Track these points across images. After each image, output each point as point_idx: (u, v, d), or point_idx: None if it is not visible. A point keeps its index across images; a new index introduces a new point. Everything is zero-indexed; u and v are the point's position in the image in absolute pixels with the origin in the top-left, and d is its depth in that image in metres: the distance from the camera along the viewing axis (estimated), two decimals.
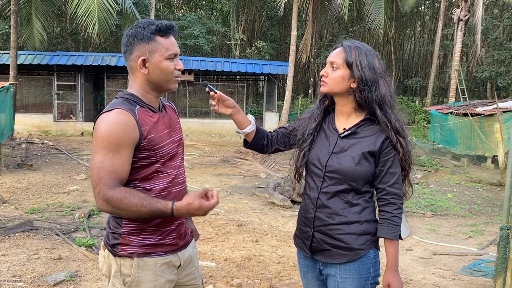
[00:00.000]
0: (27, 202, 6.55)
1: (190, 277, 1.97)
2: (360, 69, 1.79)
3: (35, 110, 16.64)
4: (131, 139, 1.66)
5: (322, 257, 1.91)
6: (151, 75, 1.75)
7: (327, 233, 1.87)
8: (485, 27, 21.40)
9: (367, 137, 1.84)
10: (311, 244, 1.92)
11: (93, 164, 1.65)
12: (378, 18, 16.44)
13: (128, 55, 1.76)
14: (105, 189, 1.61)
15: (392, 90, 1.88)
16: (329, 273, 1.90)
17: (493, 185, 9.37)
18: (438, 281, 4.28)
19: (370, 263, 1.86)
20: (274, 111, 17.73)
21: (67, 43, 23.76)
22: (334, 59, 1.85)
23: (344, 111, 1.91)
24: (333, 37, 29.91)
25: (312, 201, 1.91)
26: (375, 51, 1.88)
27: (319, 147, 1.92)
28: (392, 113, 1.83)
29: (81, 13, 13.49)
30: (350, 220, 1.84)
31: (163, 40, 1.74)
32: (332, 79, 1.84)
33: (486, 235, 5.89)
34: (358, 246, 1.83)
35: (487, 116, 11.86)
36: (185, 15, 27.20)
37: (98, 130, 1.65)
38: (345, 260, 1.85)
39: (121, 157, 1.64)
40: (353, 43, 1.86)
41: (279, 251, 4.88)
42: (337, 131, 1.90)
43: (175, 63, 1.78)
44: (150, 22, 1.74)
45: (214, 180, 8.92)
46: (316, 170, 1.90)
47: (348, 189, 1.84)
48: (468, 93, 20.01)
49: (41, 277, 3.88)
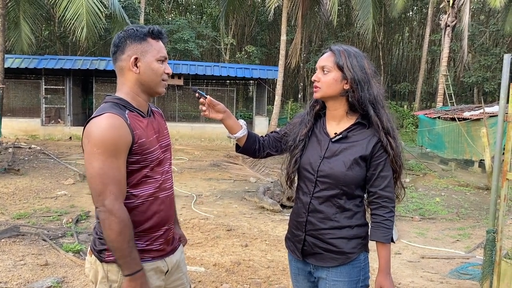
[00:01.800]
0: (13, 207, 6.47)
1: (178, 282, 1.97)
2: (352, 69, 1.81)
3: (22, 114, 16.47)
4: (126, 142, 1.65)
5: (313, 261, 1.92)
6: (142, 75, 1.76)
7: (319, 237, 1.88)
8: (471, 33, 21.70)
9: (358, 142, 1.84)
10: (303, 248, 1.93)
11: (92, 171, 1.61)
12: (367, 23, 16.57)
13: (119, 55, 1.77)
14: (112, 198, 1.60)
15: (383, 90, 1.90)
16: (321, 276, 1.92)
17: (480, 189, 9.48)
18: (426, 284, 4.31)
19: (360, 266, 1.88)
20: (264, 116, 17.77)
21: (55, 47, 23.56)
22: (325, 63, 1.86)
23: (336, 115, 1.91)
24: (323, 42, 30.10)
25: (304, 205, 1.91)
26: (363, 53, 1.90)
27: (311, 152, 1.93)
28: (385, 112, 1.85)
29: (69, 16, 13.38)
30: (342, 224, 1.85)
31: (154, 43, 1.78)
32: (325, 82, 1.85)
33: (473, 238, 5.95)
34: (349, 250, 1.85)
35: (474, 121, 12.01)
36: (175, 19, 27.16)
37: (91, 136, 1.62)
38: (336, 264, 1.86)
39: (119, 163, 1.63)
40: (341, 46, 1.88)
41: (268, 256, 4.88)
42: (329, 135, 1.91)
43: (164, 66, 1.80)
44: (142, 26, 1.80)
45: (204, 185, 8.89)
46: (308, 175, 1.91)
47: (340, 194, 1.84)
48: (456, 98, 20.24)
49: (27, 283, 3.82)
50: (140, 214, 1.75)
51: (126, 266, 1.64)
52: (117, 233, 1.60)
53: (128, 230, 1.63)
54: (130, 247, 1.63)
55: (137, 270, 1.64)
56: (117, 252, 1.62)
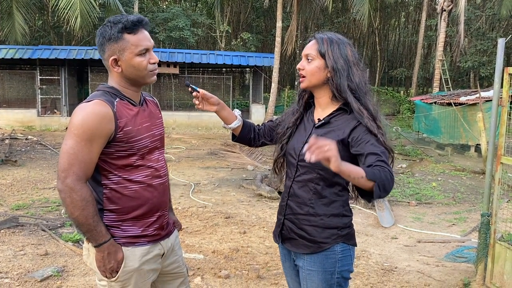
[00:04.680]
0: (12, 199, 6.49)
1: (175, 265, 2.02)
2: (332, 58, 1.82)
3: (18, 105, 16.40)
4: (105, 130, 1.69)
5: (289, 245, 1.96)
6: (125, 72, 1.78)
7: (295, 222, 1.91)
8: (467, 17, 21.60)
9: (338, 127, 1.84)
10: (281, 231, 1.98)
11: (64, 148, 1.68)
12: (363, 9, 16.49)
13: (102, 55, 1.80)
14: (74, 178, 1.66)
15: (367, 77, 1.90)
16: (299, 264, 1.95)
17: (476, 173, 9.54)
18: (422, 268, 4.37)
19: (336, 257, 1.86)
20: (260, 103, 17.74)
21: (50, 37, 23.35)
22: (309, 51, 1.88)
23: (322, 102, 1.93)
24: (318, 28, 29.91)
25: (286, 189, 1.96)
26: (347, 40, 1.90)
27: (297, 138, 1.96)
28: (367, 99, 1.84)
29: (62, 5, 13.27)
30: (317, 212, 1.85)
31: (131, 37, 1.74)
32: (309, 71, 1.87)
33: (469, 222, 6.02)
34: (322, 240, 1.85)
35: (470, 106, 12.05)
36: (170, 7, 26.93)
37: (74, 118, 1.69)
38: (308, 252, 1.87)
39: (92, 148, 1.68)
40: (325, 34, 1.89)
41: (266, 242, 4.92)
42: (314, 122, 1.94)
43: (148, 57, 1.79)
44: (117, 20, 1.75)
45: (202, 173, 8.92)
46: (291, 160, 1.95)
47: (317, 178, 1.84)
48: (452, 83, 20.25)
49: (27, 273, 3.86)
50: (134, 200, 1.80)
51: (92, 238, 1.72)
52: (80, 210, 1.66)
53: (91, 207, 1.69)
54: (95, 222, 1.70)
55: (103, 242, 1.72)
56: (82, 227, 1.70)
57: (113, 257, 1.75)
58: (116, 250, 1.76)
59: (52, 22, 22.99)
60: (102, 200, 1.78)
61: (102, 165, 1.75)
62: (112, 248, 1.75)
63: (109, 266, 1.74)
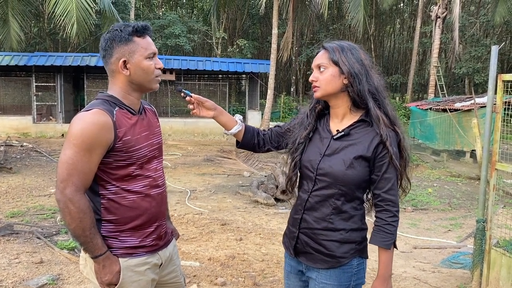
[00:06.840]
0: (6, 206, 6.45)
1: (172, 275, 2.00)
2: (347, 63, 1.77)
3: (13, 112, 16.36)
4: (104, 140, 1.68)
5: (304, 259, 1.89)
6: (132, 76, 1.77)
7: (312, 236, 1.85)
8: (462, 24, 21.77)
9: (360, 140, 1.78)
10: (296, 245, 1.91)
11: (62, 158, 1.66)
12: (358, 15, 16.57)
13: (108, 59, 1.77)
14: (73, 188, 1.65)
15: (383, 81, 1.85)
16: (311, 276, 1.89)
17: (471, 179, 9.58)
18: (419, 274, 4.38)
19: (352, 271, 1.83)
20: (256, 110, 17.77)
21: (46, 44, 23.35)
22: (320, 61, 1.82)
23: (339, 112, 1.86)
24: (314, 35, 30.07)
25: (302, 202, 1.88)
26: (357, 45, 1.86)
27: (312, 149, 1.88)
28: (386, 104, 1.80)
29: (59, 12, 13.27)
30: (336, 227, 1.80)
31: (140, 41, 1.77)
32: (323, 80, 1.80)
33: (465, 228, 6.03)
34: (340, 254, 1.81)
35: (465, 112, 12.10)
36: (166, 14, 26.99)
37: (73, 127, 1.67)
38: (326, 266, 1.82)
39: (91, 158, 1.67)
40: (333, 42, 1.85)
41: (263, 249, 4.92)
42: (331, 133, 1.86)
43: (155, 62, 1.81)
44: (126, 24, 1.77)
45: (198, 180, 8.91)
46: (308, 173, 1.87)
47: (338, 194, 1.79)
48: (447, 89, 20.37)
49: (22, 281, 3.83)
50: (132, 210, 1.78)
51: (88, 250, 1.72)
52: (77, 222, 1.65)
53: (88, 219, 1.67)
54: (92, 234, 1.69)
55: (99, 254, 1.71)
56: (79, 238, 1.69)
57: (108, 270, 1.73)
58: (112, 263, 1.74)
59: (48, 29, 23.00)
60: (100, 211, 1.76)
61: (100, 175, 1.73)
62: (107, 261, 1.73)
63: (104, 278, 1.73)
